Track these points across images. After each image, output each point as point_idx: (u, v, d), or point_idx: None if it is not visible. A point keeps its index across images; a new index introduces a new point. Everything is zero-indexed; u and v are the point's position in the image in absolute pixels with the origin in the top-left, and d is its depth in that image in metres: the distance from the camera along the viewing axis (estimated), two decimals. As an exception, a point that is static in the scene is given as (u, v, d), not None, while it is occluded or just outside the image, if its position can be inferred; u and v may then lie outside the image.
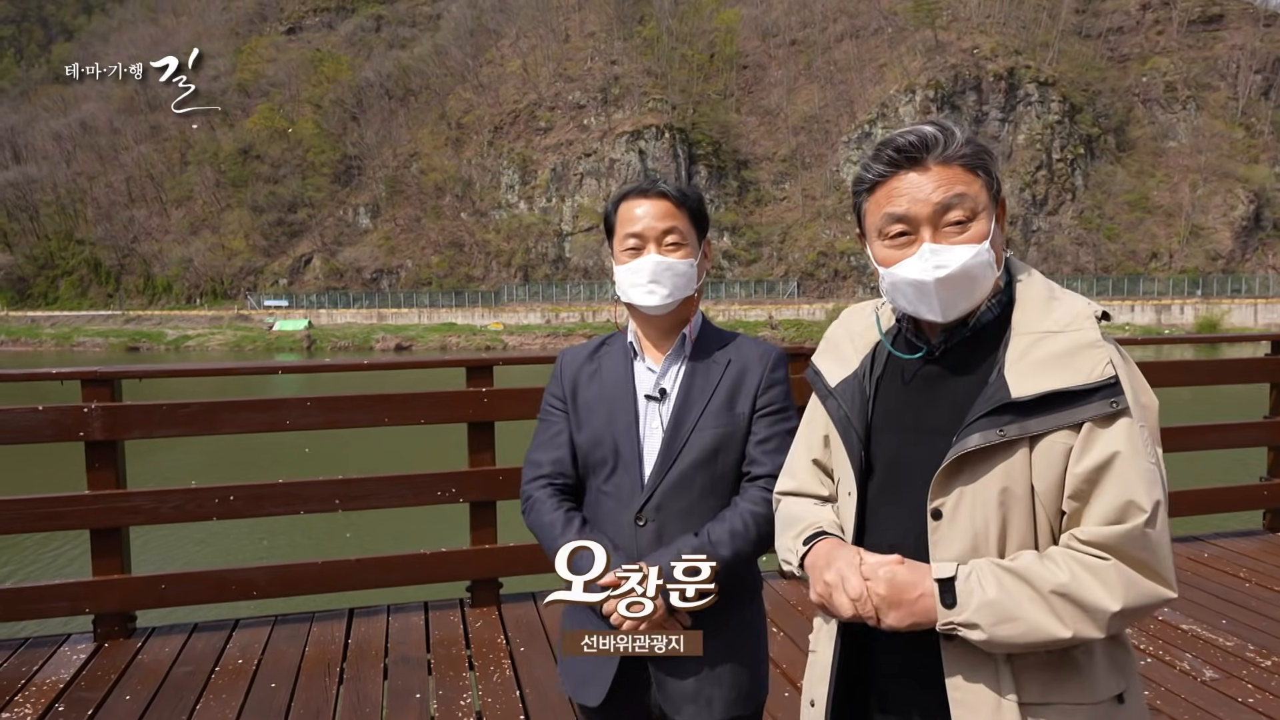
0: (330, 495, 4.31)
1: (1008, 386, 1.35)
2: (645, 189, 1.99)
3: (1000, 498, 1.35)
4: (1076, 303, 1.41)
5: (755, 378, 1.99)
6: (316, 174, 76.98)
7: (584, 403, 2.06)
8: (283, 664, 3.87)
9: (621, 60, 74.70)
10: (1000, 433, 1.34)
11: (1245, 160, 67.29)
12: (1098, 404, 1.31)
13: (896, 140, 1.42)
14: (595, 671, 1.95)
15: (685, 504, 1.94)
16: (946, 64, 68.54)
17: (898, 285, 1.44)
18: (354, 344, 58.51)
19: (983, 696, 1.36)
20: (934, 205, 1.39)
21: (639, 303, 1.96)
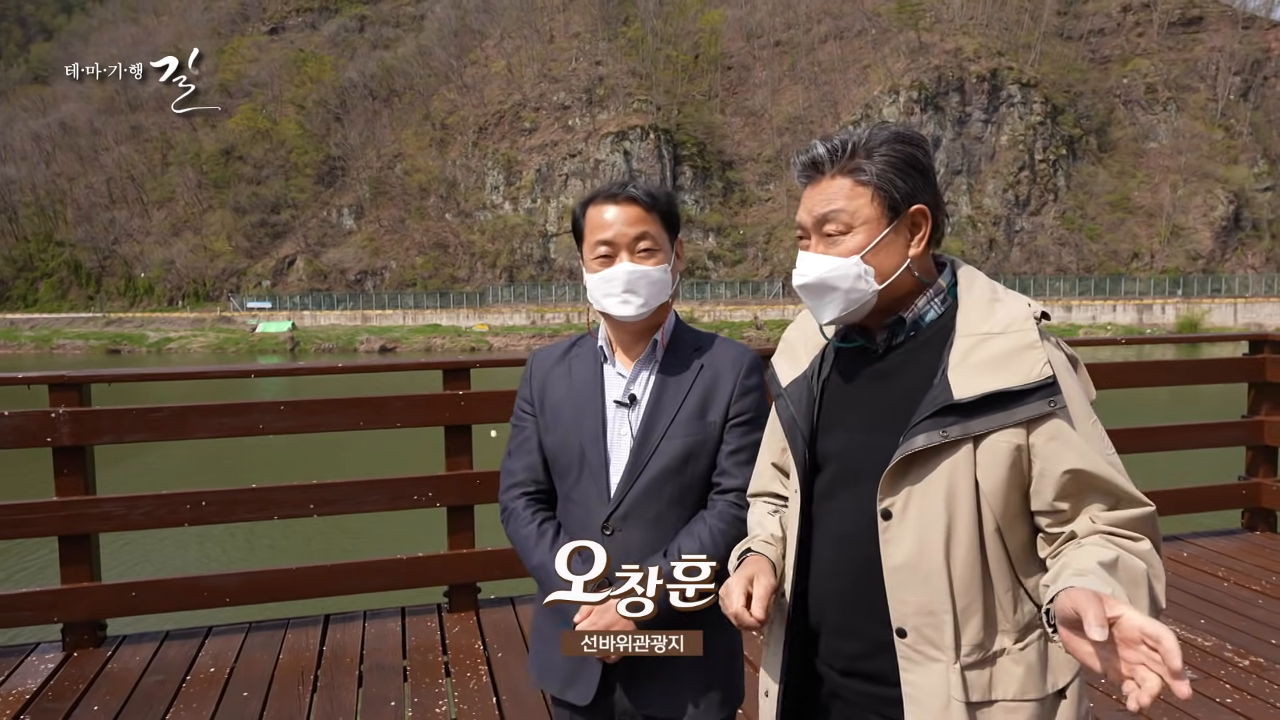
0: (304, 500, 4.25)
1: (950, 388, 1.38)
2: (614, 194, 1.93)
3: (946, 496, 1.39)
4: (1017, 304, 1.45)
5: (729, 385, 1.95)
6: (300, 175, 76.53)
7: (552, 405, 2.02)
8: (256, 672, 3.82)
9: (606, 61, 74.67)
10: (943, 434, 1.38)
11: (1225, 161, 67.93)
12: (1036, 404, 1.36)
13: (798, 157, 1.53)
14: (580, 670, 1.92)
15: (653, 513, 1.90)
16: (930, 65, 68.85)
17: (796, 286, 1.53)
18: (338, 346, 58.16)
19: (933, 694, 1.40)
20: (814, 217, 1.48)
21: (614, 313, 1.91)
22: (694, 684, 1.91)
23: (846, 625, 1.52)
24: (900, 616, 1.44)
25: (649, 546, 1.90)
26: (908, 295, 1.51)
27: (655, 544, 1.90)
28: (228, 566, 9.08)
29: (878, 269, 1.46)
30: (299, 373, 4.49)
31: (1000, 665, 1.41)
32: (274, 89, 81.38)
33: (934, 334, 1.49)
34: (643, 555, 1.89)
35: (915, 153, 1.47)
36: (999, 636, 1.42)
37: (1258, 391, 5.48)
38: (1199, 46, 73.12)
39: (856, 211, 1.46)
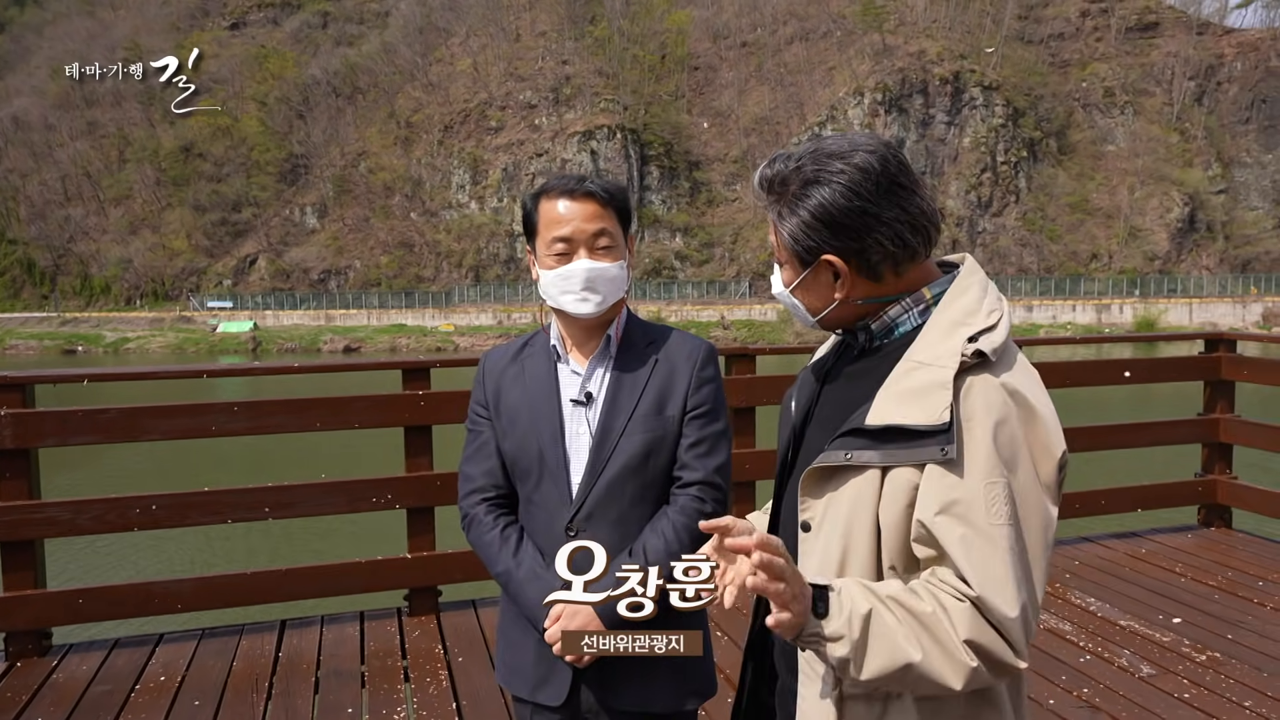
0: (259, 503, 4.16)
1: (867, 411, 1.32)
2: (571, 188, 1.88)
3: (847, 520, 1.32)
4: (955, 337, 1.31)
5: (685, 378, 1.92)
6: (261, 173, 75.37)
7: (507, 408, 1.98)
8: (208, 680, 3.72)
9: (573, 60, 74.44)
10: (846, 456, 1.32)
11: (1180, 164, 69.31)
12: (930, 448, 1.25)
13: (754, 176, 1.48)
14: (552, 672, 1.89)
15: (617, 513, 1.87)
16: (894, 67, 69.48)
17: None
18: (301, 346, 57.42)
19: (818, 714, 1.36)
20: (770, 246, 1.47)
21: (572, 311, 1.88)
22: (665, 677, 1.89)
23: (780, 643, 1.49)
24: None
25: (614, 546, 1.86)
26: (865, 317, 1.43)
27: (620, 543, 1.87)
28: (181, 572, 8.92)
29: (807, 305, 1.45)
30: (255, 372, 4.39)
31: (892, 708, 1.32)
32: (235, 85, 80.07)
33: (901, 346, 1.38)
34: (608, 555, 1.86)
35: (829, 198, 1.33)
36: None
37: (1213, 389, 5.56)
38: (1155, 52, 74.52)
39: (779, 249, 1.44)
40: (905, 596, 1.24)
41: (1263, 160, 70.21)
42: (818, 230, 1.35)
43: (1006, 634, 1.22)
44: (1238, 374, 5.40)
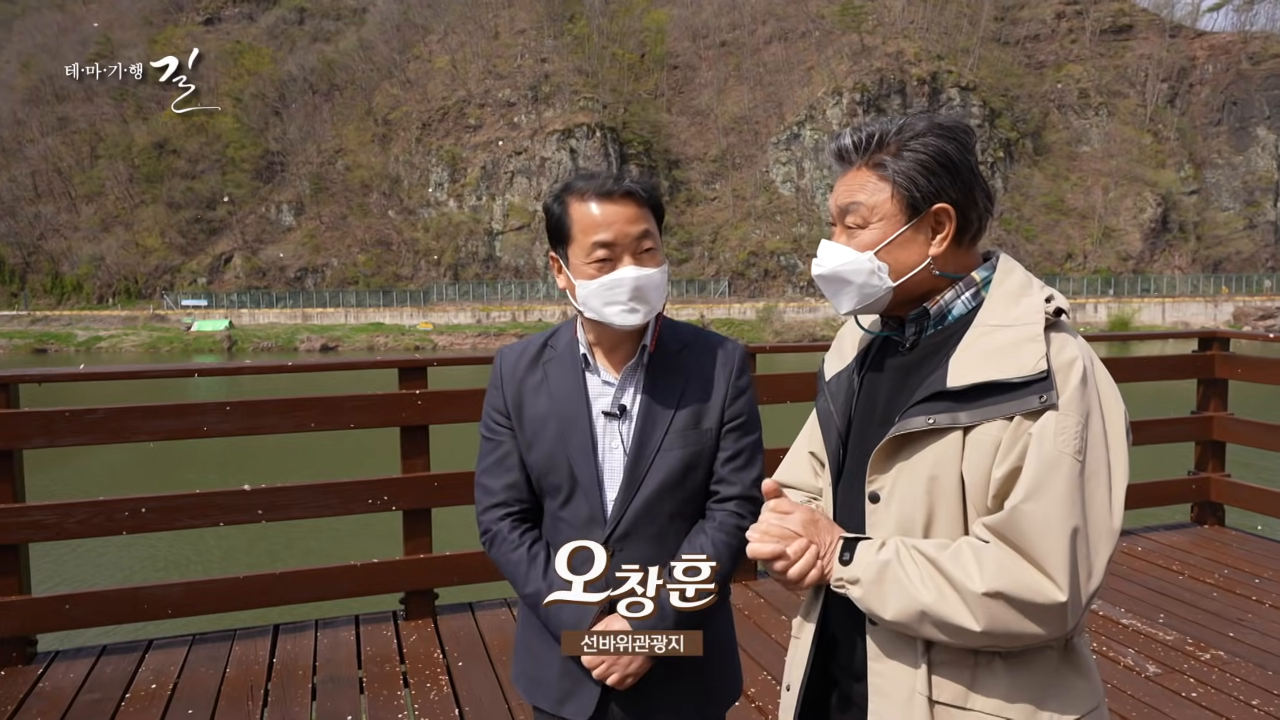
0: (252, 505, 4.06)
1: (946, 375, 1.36)
2: (610, 190, 1.73)
3: (928, 485, 1.35)
4: (1034, 298, 1.39)
5: (722, 388, 1.84)
6: (237, 170, 74.47)
7: (531, 418, 1.86)
8: (201, 687, 3.62)
9: (552, 58, 74.16)
10: (929, 420, 1.34)
11: (1153, 165, 70.16)
12: (1027, 398, 1.29)
13: (830, 144, 1.51)
14: (578, 686, 1.81)
15: (655, 529, 1.79)
16: (872, 68, 69.80)
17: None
18: (277, 345, 56.83)
19: (898, 686, 1.36)
20: (837, 207, 1.47)
21: (618, 324, 1.74)
22: (693, 685, 1.83)
23: (857, 626, 1.46)
24: None
25: (653, 564, 1.80)
26: (930, 293, 1.47)
27: (658, 560, 1.80)
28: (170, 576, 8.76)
29: (892, 266, 1.43)
30: (246, 371, 4.28)
31: (982, 673, 1.34)
32: (209, 81, 79.02)
33: (959, 328, 1.44)
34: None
35: (948, 148, 1.41)
36: None
37: (1206, 388, 5.58)
38: (1129, 54, 75.36)
39: (875, 206, 1.42)
40: (932, 546, 1.33)
41: (1233, 162, 71.24)
42: (938, 176, 1.40)
43: (1041, 558, 1.24)
44: (1231, 372, 5.42)
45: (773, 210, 68.49)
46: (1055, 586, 1.24)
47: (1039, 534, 1.25)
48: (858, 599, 1.36)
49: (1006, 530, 1.27)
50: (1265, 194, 70.27)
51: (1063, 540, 1.25)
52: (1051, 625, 1.27)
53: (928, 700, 1.33)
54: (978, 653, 1.33)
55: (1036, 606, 1.25)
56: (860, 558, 1.36)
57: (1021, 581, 1.25)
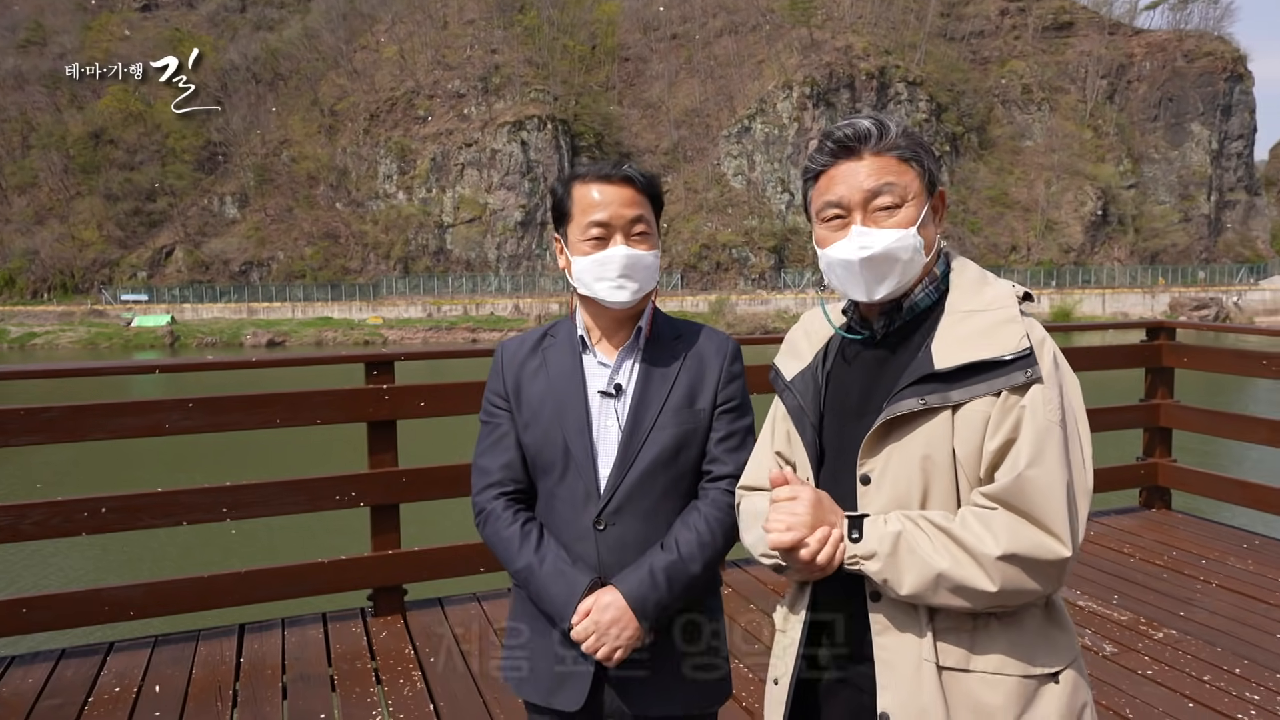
0: (215, 504, 3.99)
1: (932, 359, 1.45)
2: (609, 173, 1.84)
3: (922, 463, 1.43)
4: (1002, 285, 1.53)
5: (715, 372, 1.90)
6: (177, 161, 72.54)
7: (529, 399, 1.92)
8: (167, 689, 3.56)
9: (502, 49, 73.52)
10: (922, 401, 1.43)
11: (1093, 160, 72.00)
12: (1014, 374, 1.40)
13: (835, 133, 1.54)
14: (569, 676, 1.84)
15: (647, 505, 1.84)
16: (822, 62, 70.44)
17: (831, 265, 1.54)
18: (222, 340, 55.64)
19: (905, 657, 1.42)
20: (864, 191, 1.50)
21: (607, 299, 1.83)
22: (680, 681, 1.86)
23: (854, 607, 1.51)
24: (874, 583, 1.46)
25: (643, 540, 1.83)
26: (923, 277, 1.57)
27: (650, 537, 1.84)
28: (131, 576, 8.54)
29: (925, 242, 1.52)
30: (211, 367, 4.18)
31: (980, 635, 1.43)
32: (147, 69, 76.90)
33: (925, 317, 1.55)
34: (638, 549, 1.83)
35: (926, 143, 1.57)
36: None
37: (1154, 376, 5.76)
38: (1070, 50, 77.15)
39: (907, 186, 1.51)
40: (938, 516, 1.41)
41: (1169, 156, 73.45)
42: (934, 162, 1.56)
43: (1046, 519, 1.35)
44: (1178, 361, 5.60)
45: (724, 203, 68.85)
46: (1060, 544, 1.36)
47: (1043, 497, 1.36)
48: (875, 572, 1.41)
49: (1012, 496, 1.37)
50: (1199, 188, 72.61)
51: (1062, 501, 1.37)
52: (1055, 580, 1.39)
53: (935, 666, 1.40)
54: (976, 617, 1.42)
55: (1045, 564, 1.36)
56: (870, 533, 1.42)
57: (1032, 542, 1.36)
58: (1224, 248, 72.23)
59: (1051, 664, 1.44)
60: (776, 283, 65.52)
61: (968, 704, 1.41)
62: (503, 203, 68.04)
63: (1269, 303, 62.87)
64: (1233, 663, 3.65)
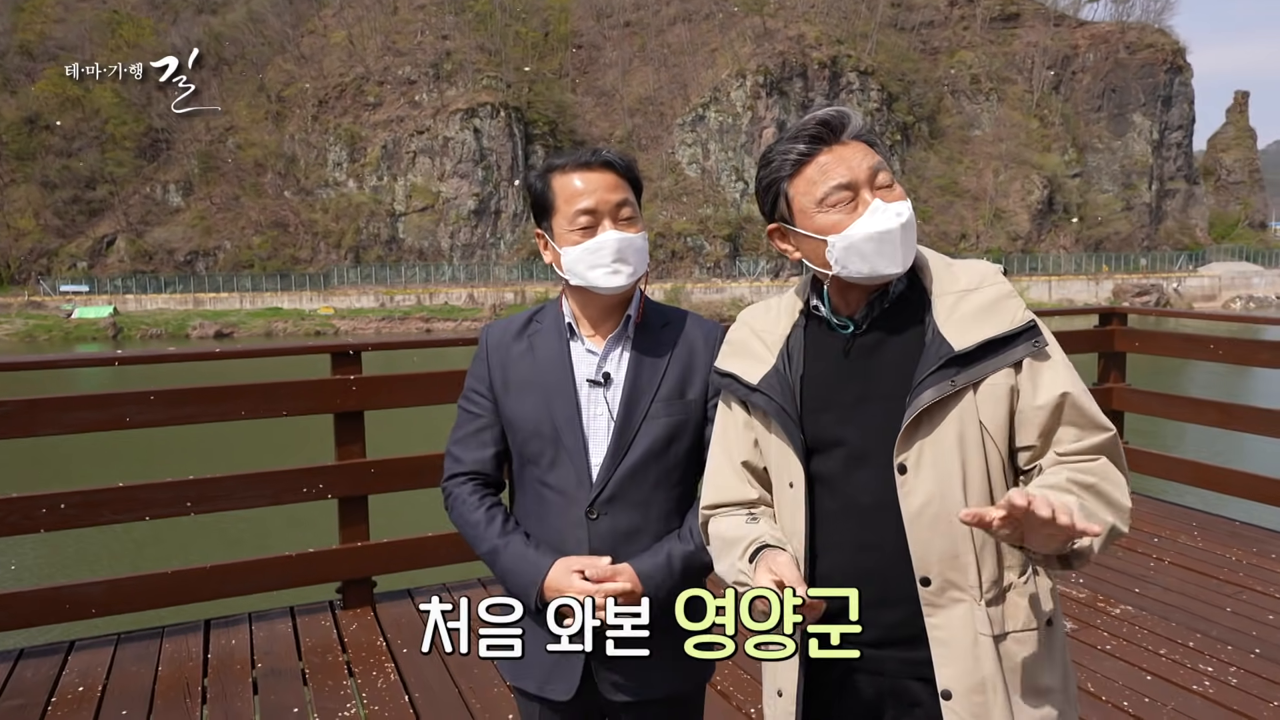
0: (179, 498, 3.92)
1: (948, 342, 1.49)
2: (588, 160, 1.83)
3: (958, 442, 1.49)
4: (978, 264, 1.60)
5: (705, 361, 1.89)
6: (118, 147, 70.47)
7: (516, 386, 1.90)
8: (133, 687, 3.50)
9: (453, 35, 72.56)
10: (952, 383, 1.48)
11: (1040, 149, 73.41)
12: (1024, 346, 1.50)
13: (812, 123, 1.55)
14: (560, 664, 1.83)
15: (639, 496, 1.84)
16: (775, 51, 70.74)
17: (854, 245, 1.51)
18: (167, 332, 54.38)
19: (961, 632, 1.48)
20: (868, 169, 1.53)
21: (603, 285, 1.80)
22: (667, 662, 1.84)
23: (890, 595, 1.52)
24: (924, 566, 1.49)
25: (635, 529, 1.84)
26: None
27: (641, 527, 1.84)
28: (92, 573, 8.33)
29: None
30: (172, 359, 4.10)
31: (1010, 599, 1.51)
32: (85, 53, 74.46)
33: (903, 304, 1.59)
34: (629, 539, 1.83)
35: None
36: (1007, 572, 1.51)
37: (1106, 361, 5.92)
38: (1016, 41, 78.46)
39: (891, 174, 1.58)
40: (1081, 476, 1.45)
41: (1112, 146, 75.21)
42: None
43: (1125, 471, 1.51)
44: (1129, 346, 5.76)
45: (679, 192, 68.91)
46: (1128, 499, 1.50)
47: (1118, 452, 1.51)
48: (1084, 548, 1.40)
49: (1110, 453, 1.49)
50: (1141, 177, 74.49)
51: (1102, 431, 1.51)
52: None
53: (991, 639, 1.47)
54: (1004, 587, 1.50)
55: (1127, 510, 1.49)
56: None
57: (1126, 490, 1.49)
58: (1164, 235, 74.26)
59: (1048, 608, 1.54)
60: (731, 271, 65.86)
61: (1009, 666, 1.48)
62: (456, 191, 67.34)
63: (1207, 289, 64.87)
64: (1186, 636, 3.79)
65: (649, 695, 1.86)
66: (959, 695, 1.46)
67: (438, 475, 2.00)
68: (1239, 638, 3.77)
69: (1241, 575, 4.47)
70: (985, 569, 1.48)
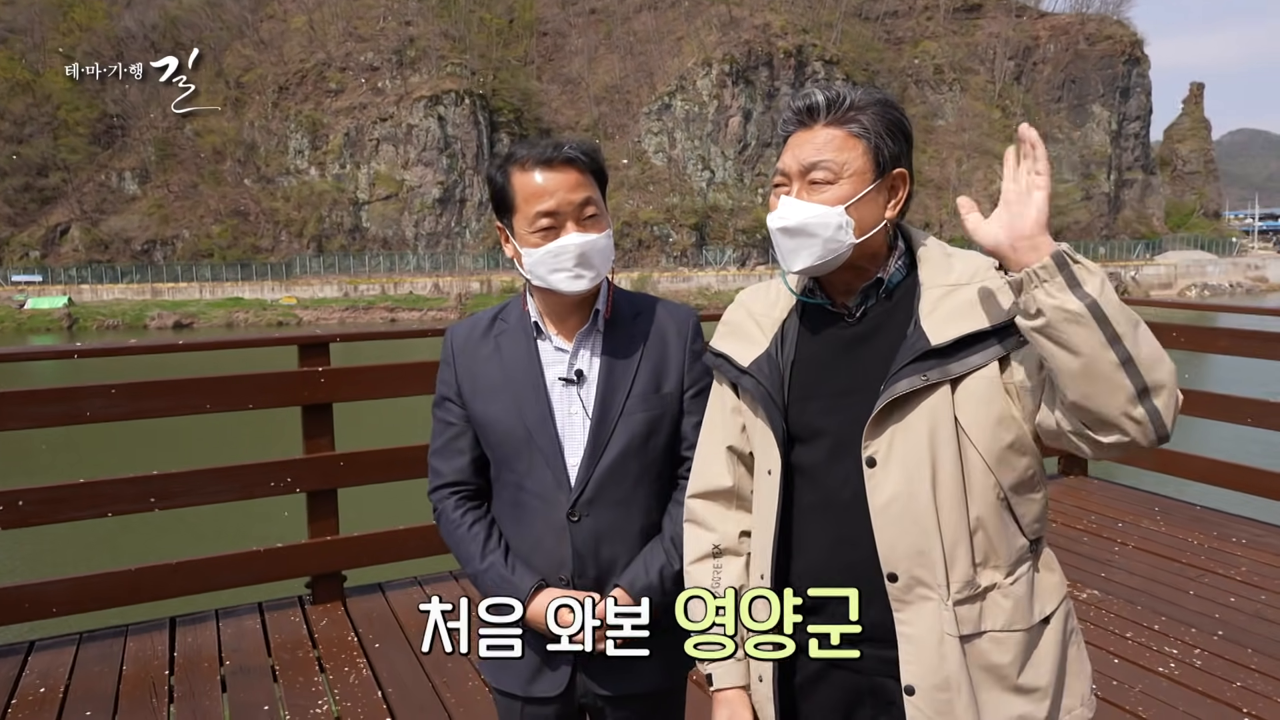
0: (143, 494, 3.83)
1: (926, 336, 1.45)
2: (550, 157, 1.73)
3: (929, 436, 1.44)
4: (976, 258, 1.53)
5: (678, 352, 1.85)
6: (71, 134, 68.80)
7: (484, 389, 1.85)
8: (97, 687, 3.42)
9: (417, 21, 71.67)
10: (924, 378, 1.43)
11: (1002, 139, 74.21)
12: (1004, 342, 1.44)
13: (794, 103, 1.53)
14: (547, 663, 1.81)
15: (619, 495, 1.80)
16: (740, 39, 70.77)
17: (770, 232, 1.53)
18: (124, 323, 53.38)
19: (928, 630, 1.44)
20: (801, 164, 1.49)
21: (564, 289, 1.75)
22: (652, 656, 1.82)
23: (863, 591, 1.49)
24: (890, 561, 1.45)
25: (618, 530, 1.81)
26: (876, 255, 1.55)
27: (624, 527, 1.81)
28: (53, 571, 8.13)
29: (857, 222, 1.48)
30: (133, 351, 3.96)
31: (990, 599, 1.46)
32: (34, 36, 72.50)
33: (902, 295, 1.54)
34: (612, 540, 1.80)
35: (902, 119, 1.51)
36: (989, 573, 1.46)
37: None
38: (979, 32, 79.26)
39: (847, 163, 1.48)
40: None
41: (1072, 137, 76.31)
42: (900, 142, 1.51)
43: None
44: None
45: (645, 180, 68.82)
46: None
47: None
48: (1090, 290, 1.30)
49: None
50: (1100, 167, 75.70)
51: None
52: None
53: (957, 639, 1.43)
54: (983, 587, 1.46)
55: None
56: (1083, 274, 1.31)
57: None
58: (1122, 224, 75.61)
59: (1047, 607, 1.51)
60: (698, 260, 65.95)
61: (980, 665, 1.45)
62: (420, 179, 66.67)
63: (1163, 277, 66.19)
64: (1151, 619, 3.86)
65: (633, 690, 1.84)
66: (922, 692, 1.44)
67: (408, 468, 1.99)
68: (1202, 620, 3.85)
69: (1203, 559, 4.56)
70: (955, 568, 1.44)
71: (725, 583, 1.63)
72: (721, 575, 1.64)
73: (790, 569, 1.55)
